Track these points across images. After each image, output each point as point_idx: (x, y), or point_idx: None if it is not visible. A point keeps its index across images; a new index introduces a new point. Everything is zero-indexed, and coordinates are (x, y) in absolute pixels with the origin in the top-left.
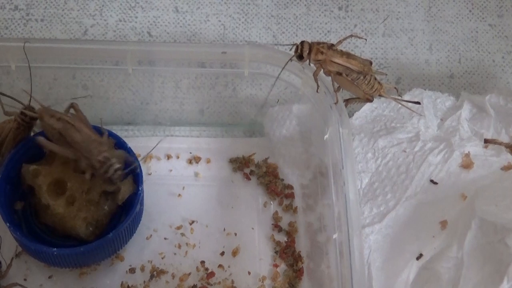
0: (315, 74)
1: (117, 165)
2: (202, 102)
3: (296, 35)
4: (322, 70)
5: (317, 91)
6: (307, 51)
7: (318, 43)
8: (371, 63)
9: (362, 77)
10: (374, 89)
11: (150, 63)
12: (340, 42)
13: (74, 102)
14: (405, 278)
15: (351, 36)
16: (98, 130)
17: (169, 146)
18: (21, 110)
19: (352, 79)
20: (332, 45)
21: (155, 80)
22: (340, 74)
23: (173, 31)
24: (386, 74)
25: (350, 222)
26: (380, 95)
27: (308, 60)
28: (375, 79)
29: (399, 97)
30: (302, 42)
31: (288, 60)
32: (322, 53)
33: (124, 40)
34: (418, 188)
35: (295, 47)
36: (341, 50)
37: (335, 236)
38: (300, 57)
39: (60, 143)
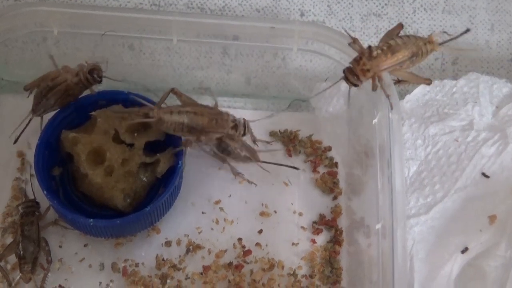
0: (375, 87)
1: (241, 119)
2: (250, 71)
3: (352, 6)
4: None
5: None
6: (356, 78)
7: (358, 60)
8: (402, 26)
9: (416, 56)
10: (430, 52)
11: (196, 35)
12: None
13: (175, 88)
14: (448, 271)
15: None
16: None
17: None
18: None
19: (408, 64)
20: (370, 50)
21: (202, 45)
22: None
23: None
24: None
25: (395, 213)
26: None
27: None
28: (425, 44)
29: (450, 35)
30: (345, 73)
31: (349, 90)
32: (368, 70)
33: (170, 10)
34: (469, 181)
35: (344, 79)
36: (382, 49)
37: (378, 226)
38: (356, 85)
39: (182, 133)
